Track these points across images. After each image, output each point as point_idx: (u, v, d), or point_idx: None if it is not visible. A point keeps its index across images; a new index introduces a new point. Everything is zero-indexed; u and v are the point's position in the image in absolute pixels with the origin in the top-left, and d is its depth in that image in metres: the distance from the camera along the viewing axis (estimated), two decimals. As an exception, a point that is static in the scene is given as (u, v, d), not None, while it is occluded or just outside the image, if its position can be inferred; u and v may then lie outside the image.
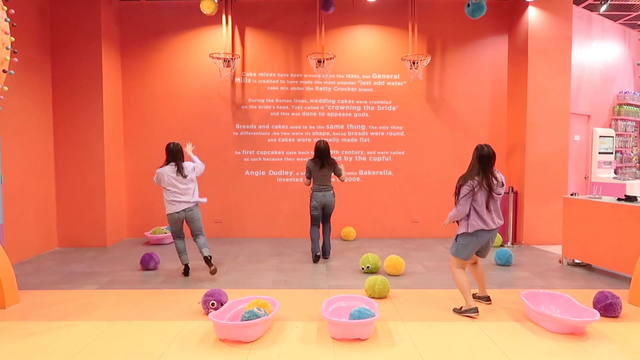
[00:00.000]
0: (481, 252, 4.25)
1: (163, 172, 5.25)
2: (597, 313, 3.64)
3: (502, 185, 4.05)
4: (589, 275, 5.57)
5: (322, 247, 6.34)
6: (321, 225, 6.35)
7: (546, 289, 4.58)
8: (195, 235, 5.45)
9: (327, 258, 6.34)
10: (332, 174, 6.20)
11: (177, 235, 5.47)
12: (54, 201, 7.05)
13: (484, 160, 4.01)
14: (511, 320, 3.95)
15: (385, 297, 4.58)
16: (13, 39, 4.19)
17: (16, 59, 4.31)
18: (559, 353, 3.29)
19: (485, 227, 3.99)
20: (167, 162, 5.33)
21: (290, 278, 5.39)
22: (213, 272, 5.27)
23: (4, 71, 4.10)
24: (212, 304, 4.01)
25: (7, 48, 4.12)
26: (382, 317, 3.98)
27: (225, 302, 4.06)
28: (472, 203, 3.99)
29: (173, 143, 5.37)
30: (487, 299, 4.42)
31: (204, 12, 6.72)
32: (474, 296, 4.43)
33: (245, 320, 3.51)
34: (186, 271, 5.50)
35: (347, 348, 3.37)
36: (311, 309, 4.23)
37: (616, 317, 4.03)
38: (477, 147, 4.11)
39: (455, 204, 4.06)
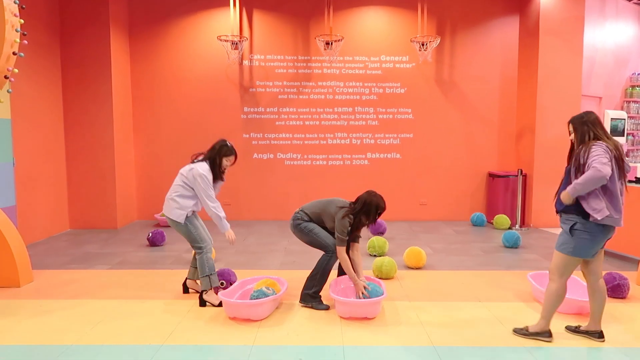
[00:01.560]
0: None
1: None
2: (604, 293, 3.64)
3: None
4: (597, 257, 5.56)
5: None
6: None
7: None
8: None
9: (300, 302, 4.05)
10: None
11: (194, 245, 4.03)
12: (65, 183, 7.13)
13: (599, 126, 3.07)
14: (518, 301, 3.97)
15: (392, 278, 4.62)
16: (22, 21, 4.20)
17: (25, 42, 4.32)
18: (566, 333, 3.31)
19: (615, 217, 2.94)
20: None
21: (299, 259, 5.44)
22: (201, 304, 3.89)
23: (14, 53, 4.12)
24: (222, 284, 4.07)
25: (16, 30, 4.13)
26: (389, 297, 4.01)
27: (235, 282, 4.12)
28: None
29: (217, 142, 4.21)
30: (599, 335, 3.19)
31: None
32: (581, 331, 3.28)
33: (254, 299, 3.56)
34: (184, 287, 4.21)
35: (354, 327, 3.42)
36: (319, 289, 4.27)
37: (623, 298, 4.04)
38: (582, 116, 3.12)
39: (585, 170, 2.88)
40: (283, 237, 6.63)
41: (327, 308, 3.78)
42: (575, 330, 3.28)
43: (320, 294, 3.88)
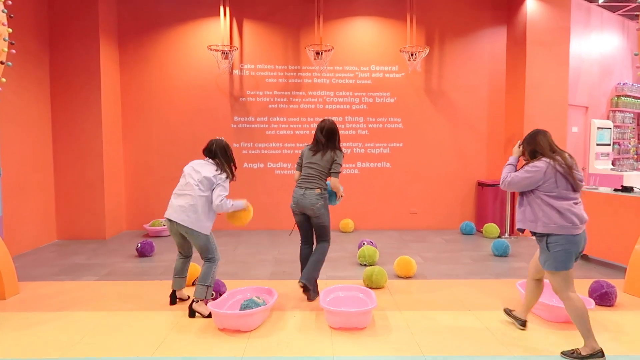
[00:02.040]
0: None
1: (189, 165, 4.10)
2: (593, 302, 3.69)
3: None
4: (585, 265, 5.61)
5: (302, 271, 4.31)
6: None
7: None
8: (203, 258, 3.96)
9: (306, 292, 4.23)
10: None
11: (178, 249, 4.13)
12: (52, 194, 7.06)
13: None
14: (507, 310, 3.99)
15: (383, 287, 4.62)
16: (10, 30, 4.19)
17: (14, 51, 4.30)
18: (554, 341, 3.33)
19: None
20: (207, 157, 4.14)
21: (289, 269, 5.42)
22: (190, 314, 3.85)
23: (1, 63, 4.10)
24: (211, 295, 4.03)
25: (4, 39, 4.12)
26: (380, 307, 4.01)
27: (224, 292, 4.10)
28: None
29: (214, 140, 4.29)
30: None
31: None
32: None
33: (244, 309, 3.54)
34: (172, 298, 4.12)
35: (344, 337, 3.41)
36: (309, 299, 4.26)
37: (611, 305, 4.08)
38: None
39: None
40: (273, 247, 6.61)
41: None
42: (508, 313, 3.68)
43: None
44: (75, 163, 7.08)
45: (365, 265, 5.50)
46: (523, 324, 3.54)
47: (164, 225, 7.39)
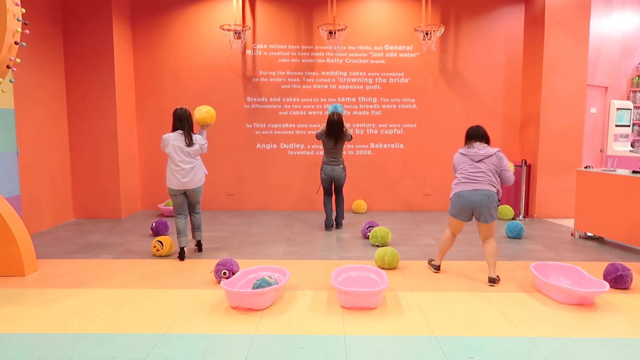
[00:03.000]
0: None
1: (168, 139, 4.83)
2: (607, 284, 3.64)
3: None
4: (601, 248, 5.55)
5: (335, 218, 6.53)
6: (334, 195, 6.50)
7: (556, 262, 4.57)
8: (192, 212, 5.14)
9: (339, 228, 6.54)
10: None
11: (179, 210, 5.01)
12: (69, 173, 7.15)
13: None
14: (520, 291, 3.97)
15: (395, 268, 4.62)
16: (24, 10, 4.19)
17: (27, 31, 4.32)
18: (567, 323, 3.31)
19: None
20: (174, 129, 4.89)
21: (301, 249, 5.45)
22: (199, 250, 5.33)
23: (15, 43, 4.12)
24: (224, 273, 4.08)
25: (18, 20, 4.12)
26: (391, 287, 4.02)
27: (237, 272, 4.14)
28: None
29: (181, 108, 4.91)
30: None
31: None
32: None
33: (257, 288, 3.57)
34: (182, 255, 4.98)
35: (356, 316, 3.43)
36: (321, 278, 4.29)
37: (626, 289, 4.03)
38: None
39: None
40: (285, 227, 6.65)
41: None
42: (429, 261, 4.70)
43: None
44: (90, 143, 7.15)
45: (377, 246, 5.50)
46: (437, 268, 4.54)
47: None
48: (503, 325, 3.29)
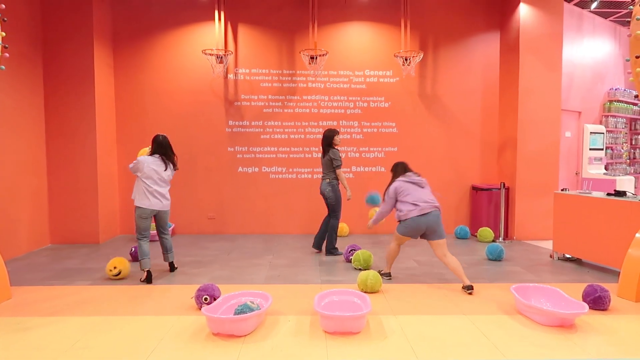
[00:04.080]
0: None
1: (144, 161, 5.02)
2: (586, 306, 3.69)
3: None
4: (579, 269, 5.64)
5: (315, 236, 6.53)
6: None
7: (536, 283, 4.63)
8: (162, 233, 5.38)
9: (315, 249, 6.53)
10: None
11: (144, 233, 5.12)
12: (46, 197, 7.01)
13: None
14: (502, 314, 3.99)
15: (378, 292, 4.62)
16: (4, 34, 4.17)
17: (7, 54, 4.29)
18: (549, 345, 3.34)
19: None
20: (153, 153, 5.14)
21: (284, 273, 5.41)
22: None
23: (-6, 66, 4.08)
24: (205, 299, 4.02)
25: (-3, 43, 4.10)
26: (374, 311, 4.01)
27: (218, 297, 4.08)
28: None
29: (162, 135, 5.20)
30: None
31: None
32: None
33: (238, 314, 3.52)
34: (149, 278, 5.01)
35: (339, 341, 3.40)
36: (304, 303, 4.25)
37: (605, 310, 4.09)
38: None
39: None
40: (267, 251, 6.60)
41: (342, 254, 6.18)
42: (380, 272, 5.08)
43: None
44: (69, 167, 7.04)
45: (359, 269, 5.49)
46: (389, 275, 5.13)
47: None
48: (486, 348, 3.29)
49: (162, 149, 5.15)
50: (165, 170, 5.14)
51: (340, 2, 7.77)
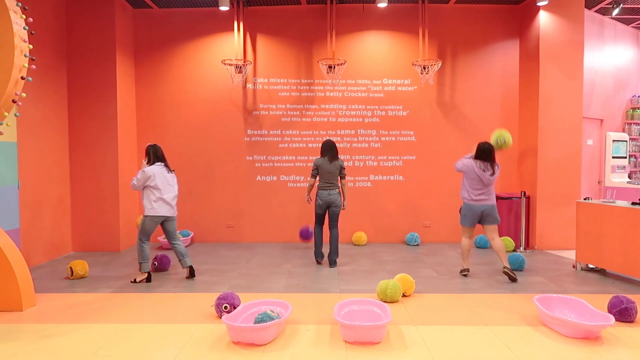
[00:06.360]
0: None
1: (154, 172, 5.28)
2: (612, 317, 3.61)
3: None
4: (603, 280, 5.52)
5: (328, 255, 6.20)
6: (329, 230, 6.15)
7: (560, 294, 4.54)
8: (173, 240, 5.59)
9: (332, 266, 6.13)
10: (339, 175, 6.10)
11: (148, 237, 5.46)
12: (69, 206, 7.14)
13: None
14: (525, 325, 3.93)
15: (397, 301, 4.58)
16: (31, 46, 4.28)
17: (34, 66, 4.40)
18: (574, 357, 3.26)
19: None
20: (153, 163, 5.40)
21: (302, 282, 5.40)
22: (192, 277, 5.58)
23: (22, 78, 4.19)
24: (225, 307, 4.04)
25: (25, 55, 4.21)
26: (395, 321, 3.97)
27: (238, 305, 4.09)
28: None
29: (155, 144, 5.53)
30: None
31: None
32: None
33: (259, 322, 3.53)
34: (149, 278, 5.42)
35: (359, 351, 3.38)
36: (323, 312, 4.24)
37: (631, 322, 3.99)
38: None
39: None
40: (286, 260, 6.60)
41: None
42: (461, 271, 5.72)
43: None
44: (91, 176, 7.17)
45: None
46: (467, 270, 5.68)
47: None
48: (509, 359, 3.24)
49: (160, 157, 5.46)
50: (169, 173, 5.48)
51: (359, 11, 7.80)
